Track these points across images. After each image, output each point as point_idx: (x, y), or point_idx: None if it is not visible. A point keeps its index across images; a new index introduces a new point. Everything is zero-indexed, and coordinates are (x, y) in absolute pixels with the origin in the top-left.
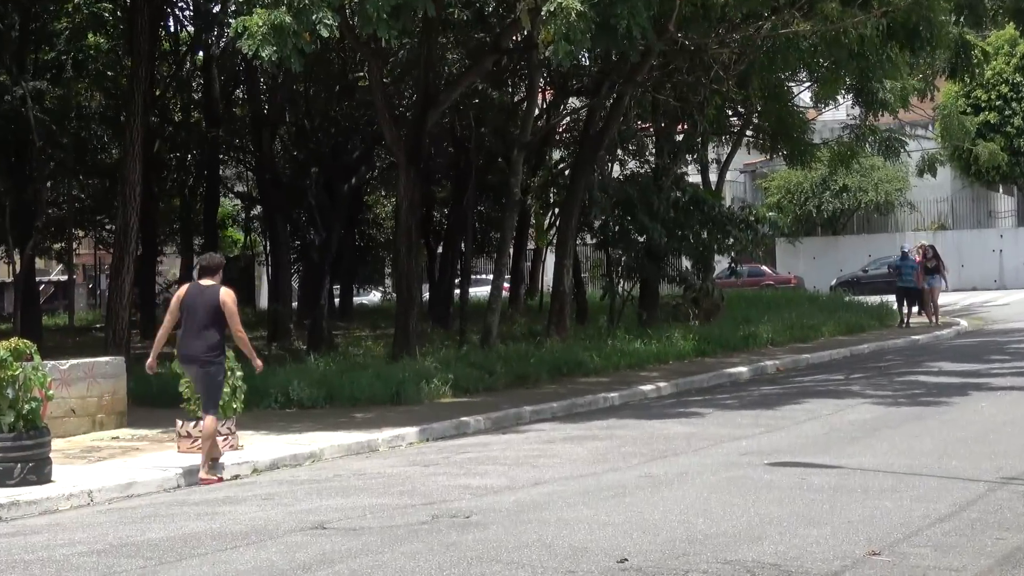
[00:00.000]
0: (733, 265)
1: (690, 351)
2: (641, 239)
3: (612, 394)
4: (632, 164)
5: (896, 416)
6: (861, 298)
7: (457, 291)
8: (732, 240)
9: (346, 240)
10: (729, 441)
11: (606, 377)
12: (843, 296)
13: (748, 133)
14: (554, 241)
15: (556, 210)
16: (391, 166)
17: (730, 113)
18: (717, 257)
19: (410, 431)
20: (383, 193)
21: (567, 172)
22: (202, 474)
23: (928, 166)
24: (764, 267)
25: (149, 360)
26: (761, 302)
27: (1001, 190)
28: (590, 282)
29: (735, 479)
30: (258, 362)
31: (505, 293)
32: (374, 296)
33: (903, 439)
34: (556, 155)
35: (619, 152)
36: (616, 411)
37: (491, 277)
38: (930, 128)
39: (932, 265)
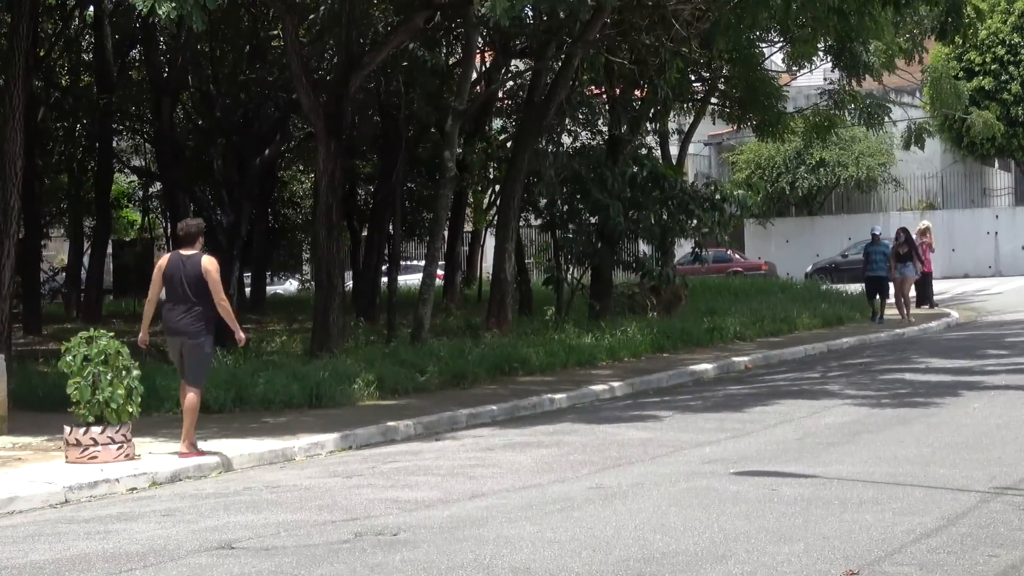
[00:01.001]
0: (697, 250)
1: (648, 346)
2: (593, 220)
3: (559, 395)
4: (583, 135)
5: (878, 419)
6: (840, 286)
7: (385, 279)
8: (696, 221)
9: (258, 222)
10: (691, 448)
11: (552, 376)
12: (820, 284)
13: (713, 100)
14: (494, 222)
15: (496, 187)
16: (309, 137)
17: (693, 78)
18: (679, 241)
19: (330, 438)
20: (300, 168)
21: (509, 144)
22: (183, 448)
23: (915, 137)
24: (731, 252)
25: (141, 335)
26: (728, 291)
27: (997, 165)
28: (535, 269)
29: (697, 490)
30: (241, 335)
31: (439, 281)
32: (290, 285)
33: (886, 445)
34: (497, 125)
35: (568, 122)
36: (564, 414)
37: (423, 263)
38: (917, 95)
39: (904, 251)
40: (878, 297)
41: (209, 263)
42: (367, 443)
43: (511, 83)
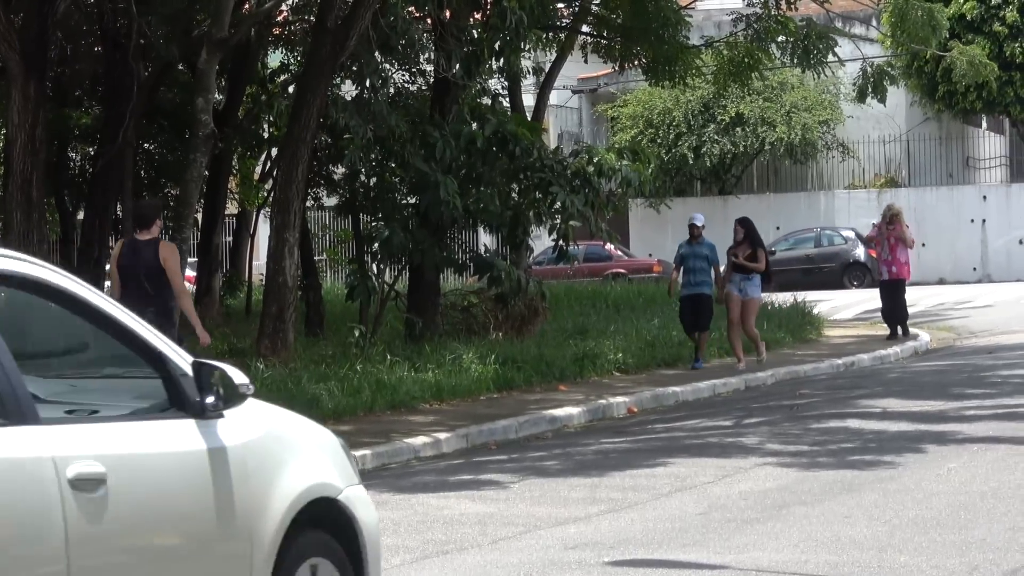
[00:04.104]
0: (561, 244)
1: (490, 382)
2: (412, 199)
3: (361, 452)
4: (399, 77)
5: (814, 485)
6: (764, 295)
7: (109, 282)
8: (560, 204)
9: None
10: (549, 526)
11: (352, 424)
12: None
13: (585, 28)
14: (270, 202)
15: (273, 151)
16: None
17: None
18: (535, 230)
19: None
20: None
21: (292, 89)
22: None
23: (872, 85)
24: (610, 246)
25: None
26: (606, 302)
27: (985, 124)
28: (330, 269)
29: None
30: (204, 334)
31: (190, 286)
32: None
33: (825, 522)
34: (274, 62)
35: (378, 57)
36: (367, 478)
37: None
38: (875, 24)
39: (747, 254)
40: (701, 330)
41: (167, 250)
42: None
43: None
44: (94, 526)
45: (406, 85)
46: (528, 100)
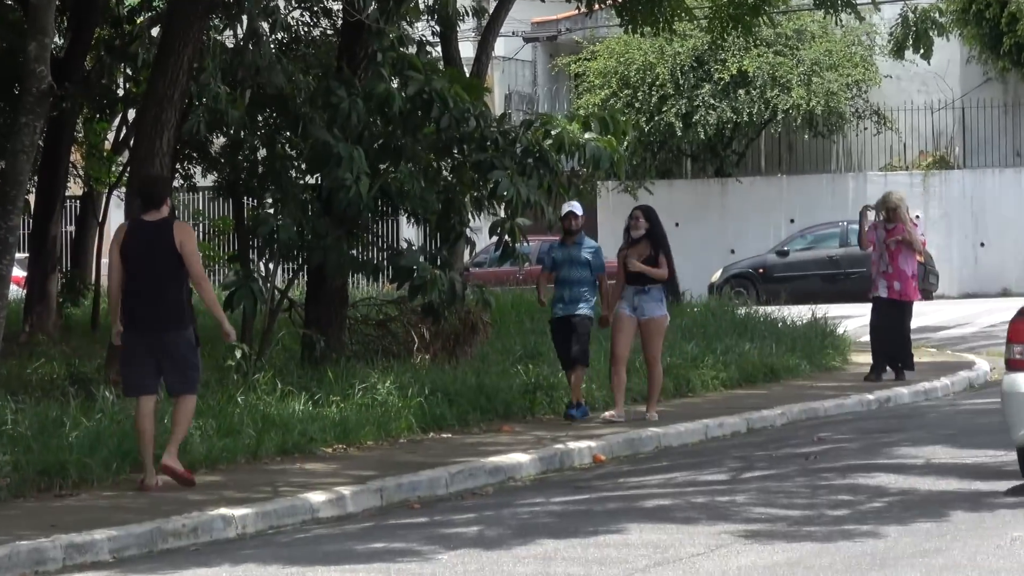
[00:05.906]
0: (507, 240)
1: (412, 420)
2: (312, 179)
3: (241, 511)
4: (298, 18)
5: (836, 559)
6: (773, 309)
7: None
8: (507, 188)
9: None
10: None
11: (229, 474)
12: (736, 304)
13: None
14: (126, 179)
15: (131, 113)
16: None
17: None
18: (474, 221)
19: None
20: None
21: (156, 32)
22: (173, 464)
23: (915, 38)
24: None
25: (114, 330)
26: None
27: None
28: (209, 268)
29: None
30: (229, 328)
31: (19, 289)
32: None
33: None
34: None
35: None
36: (248, 546)
37: None
38: None
39: (644, 257)
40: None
41: (183, 232)
42: None
43: None
44: None
45: (305, 29)
46: (467, 51)
